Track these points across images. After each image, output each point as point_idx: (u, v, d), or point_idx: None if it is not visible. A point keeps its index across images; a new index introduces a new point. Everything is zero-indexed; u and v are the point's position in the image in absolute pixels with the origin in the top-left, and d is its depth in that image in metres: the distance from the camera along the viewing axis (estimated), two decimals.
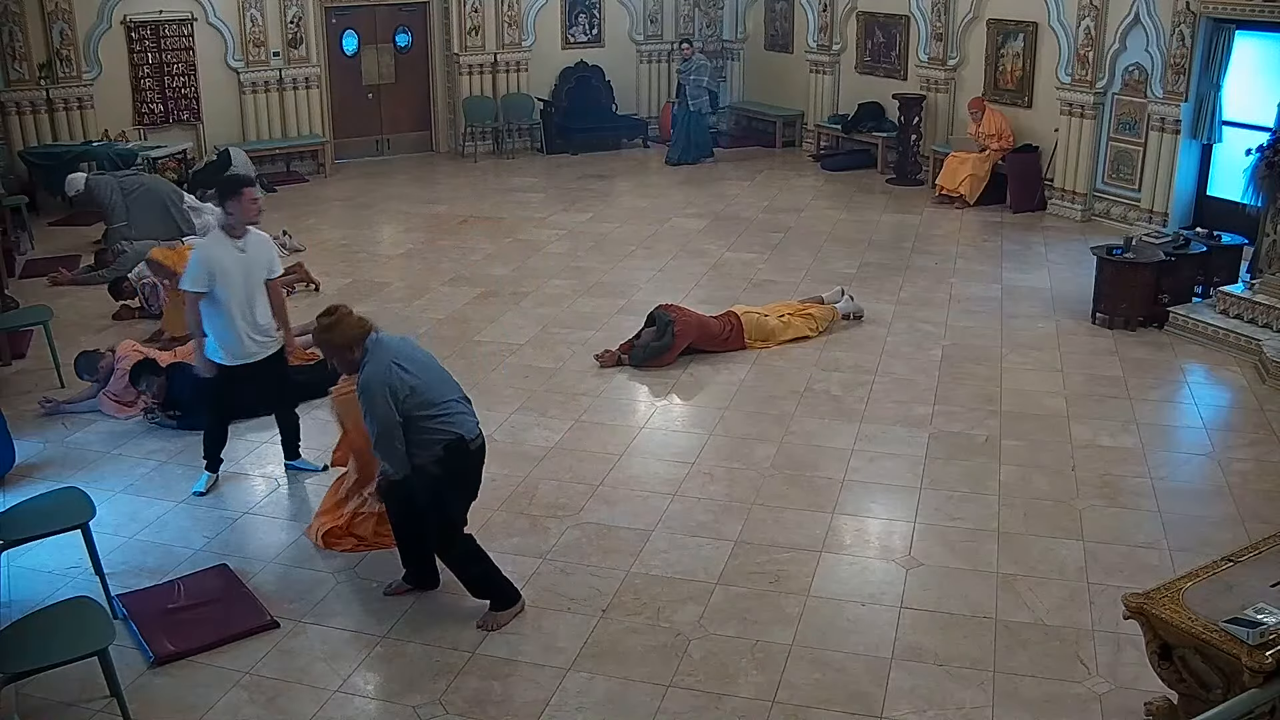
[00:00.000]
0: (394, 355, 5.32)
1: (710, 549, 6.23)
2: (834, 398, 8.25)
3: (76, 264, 11.43)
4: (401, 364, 5.30)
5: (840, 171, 15.56)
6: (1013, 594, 5.81)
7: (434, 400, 5.34)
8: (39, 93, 13.66)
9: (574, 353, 9.10)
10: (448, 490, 5.44)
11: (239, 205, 6.60)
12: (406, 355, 5.39)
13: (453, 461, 5.36)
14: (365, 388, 5.26)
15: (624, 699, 5.05)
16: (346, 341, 5.33)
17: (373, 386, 5.24)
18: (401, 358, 5.33)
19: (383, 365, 5.26)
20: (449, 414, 5.38)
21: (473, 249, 12.07)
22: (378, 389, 5.22)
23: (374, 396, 5.23)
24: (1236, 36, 11.38)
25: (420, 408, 5.28)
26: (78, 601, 5.25)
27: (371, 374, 5.26)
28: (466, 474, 5.51)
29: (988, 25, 14.05)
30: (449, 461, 5.35)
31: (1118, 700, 5.00)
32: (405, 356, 5.36)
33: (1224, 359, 8.89)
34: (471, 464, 5.51)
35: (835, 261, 11.52)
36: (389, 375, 5.23)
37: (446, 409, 5.38)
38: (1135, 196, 12.48)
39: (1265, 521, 6.35)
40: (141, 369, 7.86)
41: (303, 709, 5.00)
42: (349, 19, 15.96)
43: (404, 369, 5.29)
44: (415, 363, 5.39)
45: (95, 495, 6.01)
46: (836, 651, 5.36)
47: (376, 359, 5.29)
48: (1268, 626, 4.04)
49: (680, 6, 17.93)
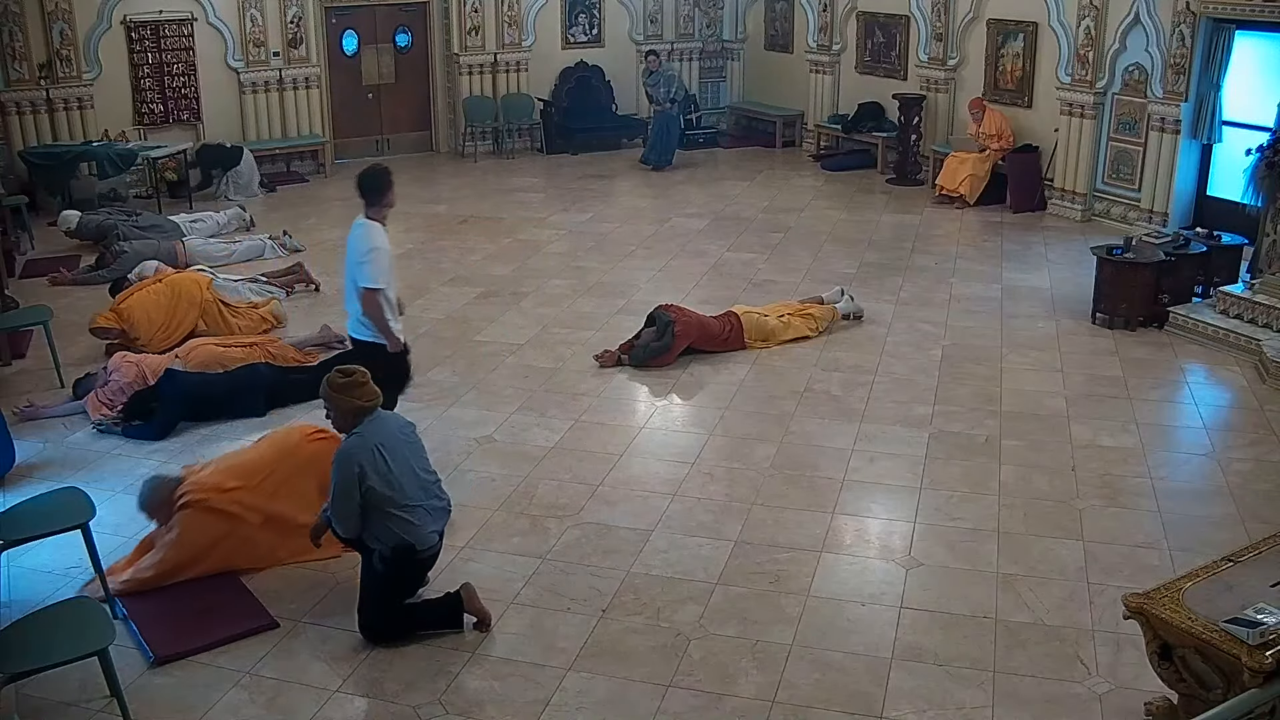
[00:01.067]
0: (381, 440, 5.32)
1: (710, 549, 6.23)
2: (834, 398, 8.25)
3: (76, 264, 11.43)
4: (384, 453, 5.30)
5: (840, 171, 15.55)
6: (1013, 594, 5.81)
7: (399, 501, 5.33)
8: (39, 93, 13.65)
9: (574, 353, 9.10)
10: (386, 586, 5.43)
11: (390, 198, 6.62)
12: (392, 447, 5.37)
13: (398, 565, 5.39)
14: (343, 456, 5.28)
15: (624, 699, 5.05)
16: (353, 409, 5.34)
17: (349, 458, 5.26)
18: (387, 448, 5.33)
19: (367, 445, 5.28)
20: (410, 519, 5.37)
21: (473, 249, 12.07)
22: (349, 464, 5.24)
23: (344, 467, 5.26)
24: (1236, 36, 11.39)
25: (383, 503, 5.28)
26: (78, 601, 5.27)
27: (353, 446, 5.29)
28: (409, 580, 5.54)
29: (988, 25, 14.05)
30: (394, 563, 5.38)
31: (1118, 700, 5.00)
32: (391, 448, 5.35)
33: (1224, 359, 8.89)
34: (416, 572, 5.56)
35: (835, 261, 11.52)
36: (367, 457, 5.24)
37: (409, 513, 5.37)
38: (1135, 196, 12.49)
39: (1265, 521, 6.35)
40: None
41: (303, 709, 5.00)
42: (349, 19, 15.95)
43: (384, 459, 5.29)
44: (397, 458, 5.36)
45: (95, 495, 6.01)
46: (836, 651, 5.36)
47: (365, 435, 5.31)
48: (1268, 626, 4.04)
49: (680, 6, 17.92)
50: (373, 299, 6.53)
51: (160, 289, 9.26)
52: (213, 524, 5.81)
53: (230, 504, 5.86)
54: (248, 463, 6.15)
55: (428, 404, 8.12)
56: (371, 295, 6.52)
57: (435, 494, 5.56)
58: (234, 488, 5.93)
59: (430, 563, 5.60)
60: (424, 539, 5.45)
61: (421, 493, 5.45)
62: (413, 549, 5.40)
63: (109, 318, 9.04)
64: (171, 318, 9.09)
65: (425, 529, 5.45)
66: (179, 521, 5.79)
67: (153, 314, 9.02)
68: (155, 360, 8.31)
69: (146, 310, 9.02)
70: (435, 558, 5.63)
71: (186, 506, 5.80)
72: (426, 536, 5.47)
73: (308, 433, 6.35)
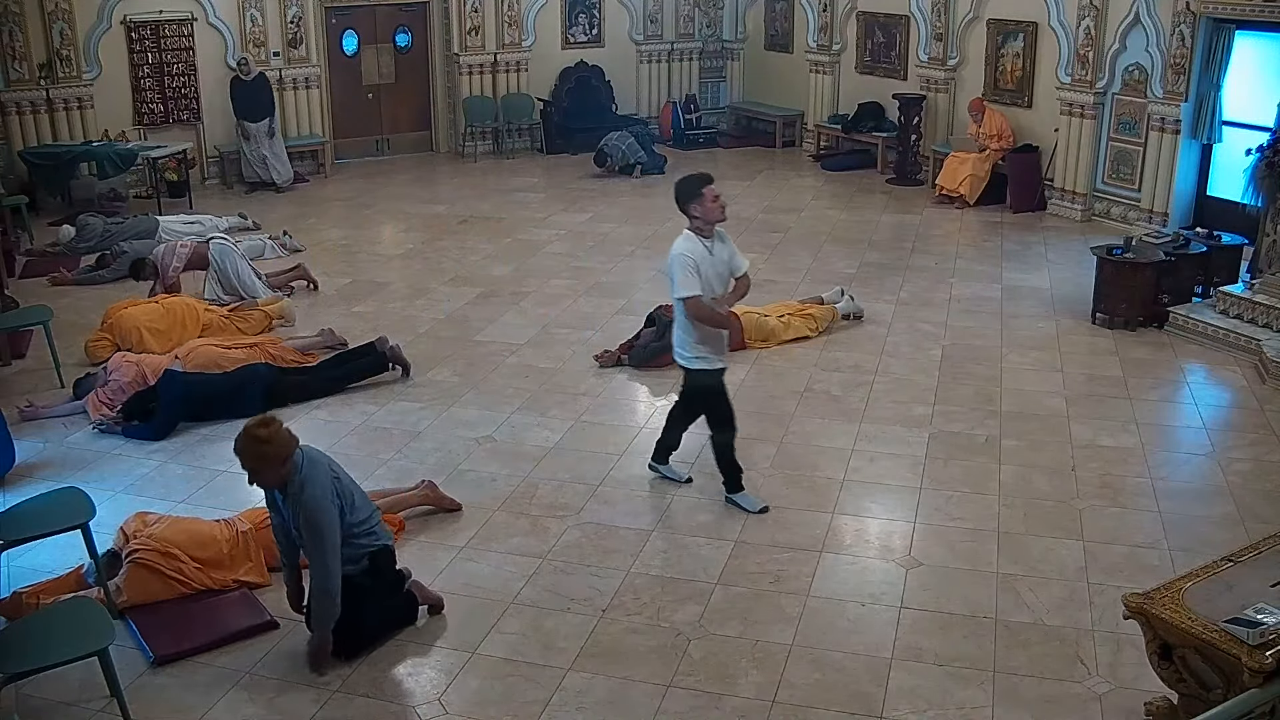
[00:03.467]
0: (328, 465, 5.22)
1: (710, 549, 6.23)
2: (834, 398, 8.25)
3: (76, 264, 11.43)
4: (337, 473, 5.23)
5: (840, 171, 15.56)
6: (1013, 594, 5.81)
7: (363, 514, 5.30)
8: (39, 93, 13.66)
9: (574, 353, 9.10)
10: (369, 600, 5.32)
11: (701, 206, 6.29)
12: (336, 467, 5.27)
13: (379, 571, 5.35)
14: (316, 504, 5.05)
15: (624, 699, 5.05)
16: (286, 452, 5.05)
17: (323, 501, 5.07)
18: (335, 470, 5.23)
19: (326, 478, 5.13)
20: (373, 526, 5.35)
21: (473, 249, 12.08)
22: (328, 509, 5.08)
23: (325, 510, 5.06)
24: (1236, 36, 11.39)
25: (352, 529, 5.21)
26: (78, 601, 5.27)
27: (319, 489, 5.07)
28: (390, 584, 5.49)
29: (988, 25, 14.05)
30: (375, 571, 5.34)
31: (1118, 700, 5.00)
32: (336, 469, 5.26)
33: (1224, 359, 8.89)
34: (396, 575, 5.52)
35: (835, 261, 11.52)
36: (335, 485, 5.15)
37: (371, 520, 5.35)
38: (1135, 196, 12.49)
39: (1265, 521, 6.35)
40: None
41: (303, 709, 5.00)
42: (349, 19, 15.96)
43: (339, 478, 5.21)
44: (344, 476, 5.29)
45: (95, 495, 6.00)
46: (836, 651, 5.36)
47: (315, 473, 5.10)
48: (1268, 626, 4.04)
49: (680, 6, 17.93)
50: (688, 309, 6.26)
51: (155, 310, 9.12)
52: (155, 584, 5.72)
53: (172, 571, 5.76)
54: (201, 535, 5.96)
55: (428, 404, 8.13)
56: (684, 306, 6.26)
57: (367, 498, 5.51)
58: (176, 556, 5.79)
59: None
60: (390, 537, 5.49)
61: (368, 502, 5.41)
62: (388, 548, 5.40)
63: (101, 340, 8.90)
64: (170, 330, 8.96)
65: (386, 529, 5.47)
66: (128, 571, 5.72)
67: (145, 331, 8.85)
68: (155, 360, 8.29)
69: (138, 325, 8.87)
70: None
71: (133, 561, 5.74)
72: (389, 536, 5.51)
73: (259, 521, 6.06)
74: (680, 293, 6.26)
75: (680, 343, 6.46)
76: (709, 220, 6.33)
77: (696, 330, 6.36)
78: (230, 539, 5.96)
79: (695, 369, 6.50)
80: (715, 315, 6.32)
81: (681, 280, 6.23)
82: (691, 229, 6.37)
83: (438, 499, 6.60)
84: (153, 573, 5.71)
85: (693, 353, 6.43)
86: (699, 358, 6.44)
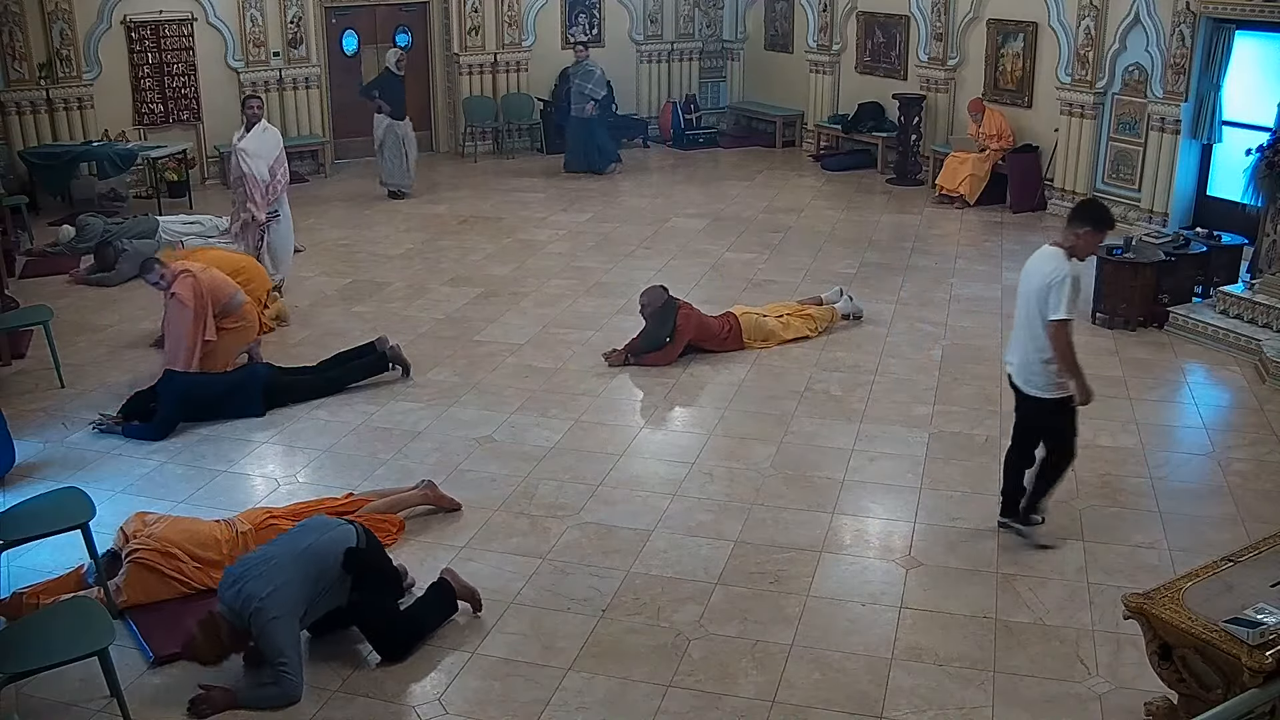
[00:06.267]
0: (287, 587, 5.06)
1: (710, 549, 6.23)
2: (834, 398, 8.25)
3: (76, 264, 11.40)
4: (286, 589, 5.04)
5: (840, 171, 15.55)
6: (1013, 594, 5.81)
7: (321, 581, 5.19)
8: (39, 93, 13.65)
9: (574, 353, 9.10)
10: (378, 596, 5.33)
11: (1091, 239, 5.94)
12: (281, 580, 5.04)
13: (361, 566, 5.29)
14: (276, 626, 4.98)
15: (624, 699, 5.05)
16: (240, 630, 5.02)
17: (286, 627, 5.03)
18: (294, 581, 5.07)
19: (284, 602, 5.00)
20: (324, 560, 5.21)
21: (473, 249, 12.07)
22: (290, 630, 5.04)
23: (286, 635, 5.02)
24: (1236, 36, 11.38)
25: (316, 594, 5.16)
26: (78, 601, 5.27)
27: (280, 622, 4.99)
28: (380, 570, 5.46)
29: (988, 25, 14.05)
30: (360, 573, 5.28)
31: (1118, 700, 5.00)
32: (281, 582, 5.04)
33: (1224, 359, 8.89)
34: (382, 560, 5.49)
35: (835, 261, 11.52)
36: (287, 609, 5.03)
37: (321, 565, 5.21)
38: (1135, 196, 12.48)
39: (1265, 521, 6.35)
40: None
41: (303, 709, 5.00)
42: (349, 19, 15.95)
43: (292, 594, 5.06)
44: (294, 577, 5.09)
45: (95, 495, 6.00)
46: (836, 651, 5.36)
47: (267, 604, 4.97)
48: (1268, 626, 4.04)
49: (680, 6, 17.92)
50: (1063, 332, 5.89)
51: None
52: (155, 584, 5.73)
53: (172, 571, 5.76)
54: (200, 535, 5.95)
55: (427, 404, 8.13)
56: (1062, 328, 5.88)
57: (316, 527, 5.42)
58: (176, 556, 5.79)
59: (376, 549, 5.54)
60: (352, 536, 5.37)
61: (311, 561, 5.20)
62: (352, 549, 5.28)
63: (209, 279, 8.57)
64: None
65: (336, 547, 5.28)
66: (128, 571, 5.72)
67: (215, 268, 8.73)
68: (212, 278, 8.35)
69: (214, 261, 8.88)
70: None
71: (133, 561, 5.74)
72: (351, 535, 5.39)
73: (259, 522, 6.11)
74: (1060, 314, 5.84)
75: (1037, 370, 6.05)
76: (1086, 253, 6.03)
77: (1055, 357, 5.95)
78: (230, 539, 5.96)
79: (1056, 398, 6.07)
80: (1074, 360, 5.94)
81: (1068, 304, 5.84)
82: (1065, 248, 5.95)
83: (438, 499, 6.61)
84: (153, 573, 5.72)
85: (1053, 380, 6.03)
86: (1057, 384, 6.04)
